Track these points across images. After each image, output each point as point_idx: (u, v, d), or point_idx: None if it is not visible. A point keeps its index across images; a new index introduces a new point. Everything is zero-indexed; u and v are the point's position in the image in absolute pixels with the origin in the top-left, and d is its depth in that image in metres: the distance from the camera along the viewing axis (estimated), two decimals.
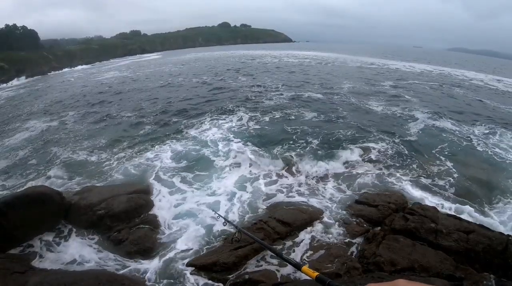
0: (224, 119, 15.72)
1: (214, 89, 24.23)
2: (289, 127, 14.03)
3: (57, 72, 62.88)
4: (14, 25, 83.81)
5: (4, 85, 45.79)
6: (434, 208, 7.78)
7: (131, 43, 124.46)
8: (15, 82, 48.37)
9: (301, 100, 19.47)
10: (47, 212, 7.12)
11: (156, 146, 12.68)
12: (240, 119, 15.50)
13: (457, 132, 14.13)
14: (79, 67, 71.05)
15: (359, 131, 13.51)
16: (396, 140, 12.68)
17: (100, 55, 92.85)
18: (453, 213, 7.67)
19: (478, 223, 7.28)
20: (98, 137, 14.24)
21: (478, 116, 17.18)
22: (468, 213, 7.80)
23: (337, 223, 7.34)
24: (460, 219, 7.41)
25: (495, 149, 12.37)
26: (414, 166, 10.53)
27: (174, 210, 8.26)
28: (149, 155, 11.81)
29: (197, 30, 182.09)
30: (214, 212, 6.11)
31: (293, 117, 15.84)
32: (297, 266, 1.04)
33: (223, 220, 5.00)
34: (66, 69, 67.32)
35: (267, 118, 15.50)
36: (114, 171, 10.69)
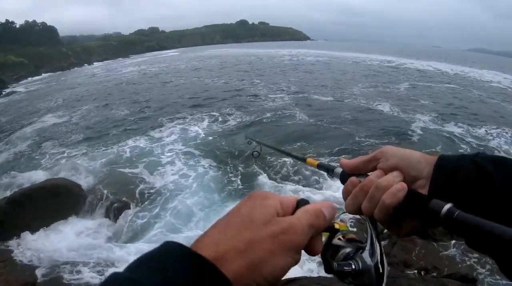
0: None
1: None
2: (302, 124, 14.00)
3: (76, 68, 63.40)
4: (34, 21, 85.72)
5: (25, 80, 46.34)
6: None
7: (149, 40, 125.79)
8: (34, 78, 48.57)
9: (310, 100, 19.53)
10: (65, 203, 7.26)
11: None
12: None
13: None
14: (99, 63, 71.43)
15: (373, 133, 13.35)
16: (412, 141, 12.49)
17: (118, 51, 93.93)
18: None
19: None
20: (109, 134, 14.43)
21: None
22: None
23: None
24: None
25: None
26: None
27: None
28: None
29: (215, 27, 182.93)
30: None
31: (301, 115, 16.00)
32: (303, 159, 1.07)
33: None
34: (85, 65, 67.88)
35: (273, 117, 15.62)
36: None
